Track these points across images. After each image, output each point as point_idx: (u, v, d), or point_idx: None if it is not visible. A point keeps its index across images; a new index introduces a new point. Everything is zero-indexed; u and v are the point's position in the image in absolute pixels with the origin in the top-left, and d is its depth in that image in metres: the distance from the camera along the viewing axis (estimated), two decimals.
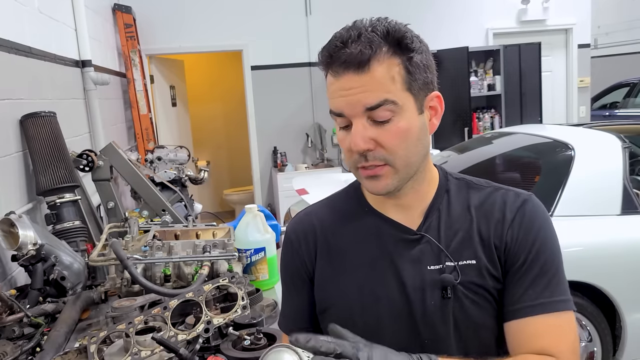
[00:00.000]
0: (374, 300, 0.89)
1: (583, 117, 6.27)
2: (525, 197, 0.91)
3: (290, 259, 0.99)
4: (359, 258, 0.91)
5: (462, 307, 0.86)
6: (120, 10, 4.35)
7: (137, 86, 4.35)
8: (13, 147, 1.87)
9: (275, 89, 5.58)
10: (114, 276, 1.54)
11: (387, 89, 0.80)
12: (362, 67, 0.80)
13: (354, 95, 0.81)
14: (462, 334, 0.87)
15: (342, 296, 0.91)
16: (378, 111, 0.81)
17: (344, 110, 0.82)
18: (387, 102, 0.80)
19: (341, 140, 0.86)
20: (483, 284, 0.86)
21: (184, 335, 1.11)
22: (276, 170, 5.48)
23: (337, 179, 3.72)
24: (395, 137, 0.82)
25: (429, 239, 0.88)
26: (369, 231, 0.92)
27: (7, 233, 1.55)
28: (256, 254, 1.67)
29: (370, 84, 0.80)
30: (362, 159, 0.83)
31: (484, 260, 0.87)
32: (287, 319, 1.03)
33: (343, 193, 1.02)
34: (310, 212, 1.01)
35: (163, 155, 2.85)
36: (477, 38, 5.85)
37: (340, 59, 0.81)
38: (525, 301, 0.85)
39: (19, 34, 2.05)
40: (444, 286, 0.85)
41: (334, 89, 0.83)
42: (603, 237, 2.41)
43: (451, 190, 0.93)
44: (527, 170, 2.94)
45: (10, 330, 1.31)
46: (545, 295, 0.85)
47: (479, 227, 0.88)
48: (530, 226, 0.88)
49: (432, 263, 0.87)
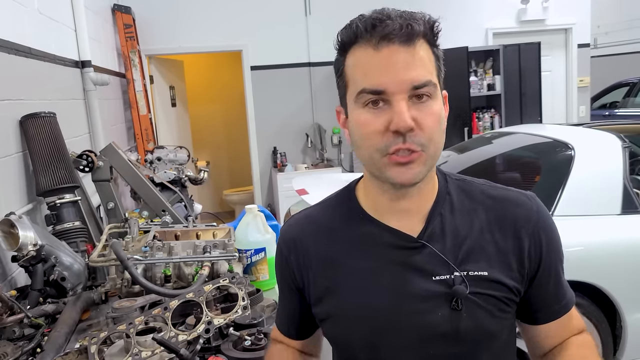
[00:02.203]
0: (372, 314, 0.84)
1: (583, 116, 6.27)
2: (534, 198, 0.89)
3: (280, 267, 0.97)
4: (355, 268, 0.86)
5: (474, 318, 0.81)
6: (119, 11, 4.35)
7: (137, 86, 4.35)
8: (13, 147, 1.87)
9: (275, 89, 5.58)
10: (114, 277, 1.54)
11: (429, 69, 0.78)
12: (410, 41, 0.75)
13: (401, 70, 0.75)
14: (474, 347, 0.83)
15: (339, 309, 0.87)
16: (422, 90, 0.76)
17: (388, 87, 0.75)
18: (431, 84, 0.77)
19: (368, 122, 0.77)
20: (495, 294, 0.83)
21: (185, 335, 1.11)
22: (276, 170, 5.48)
23: (337, 179, 3.72)
24: (433, 119, 0.77)
25: (431, 248, 0.83)
26: (364, 239, 0.87)
27: (7, 234, 1.55)
28: (256, 254, 1.67)
29: (417, 59, 0.76)
30: (399, 140, 0.76)
31: (497, 271, 0.83)
32: (280, 320, 1.04)
33: (336, 198, 0.95)
34: (300, 219, 0.96)
35: (163, 155, 2.85)
36: (476, 38, 5.85)
37: (386, 29, 0.74)
38: (562, 299, 0.90)
39: (19, 34, 2.05)
40: (453, 297, 0.81)
41: (374, 63, 0.76)
42: (603, 237, 2.41)
43: (452, 192, 0.88)
44: (527, 170, 2.94)
45: (10, 331, 1.31)
46: (568, 290, 0.92)
47: (492, 234, 0.84)
48: (546, 228, 0.87)
49: (437, 273, 0.82)
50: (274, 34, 5.48)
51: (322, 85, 5.59)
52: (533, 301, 0.89)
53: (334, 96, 0.88)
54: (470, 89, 5.37)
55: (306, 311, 0.95)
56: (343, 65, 0.82)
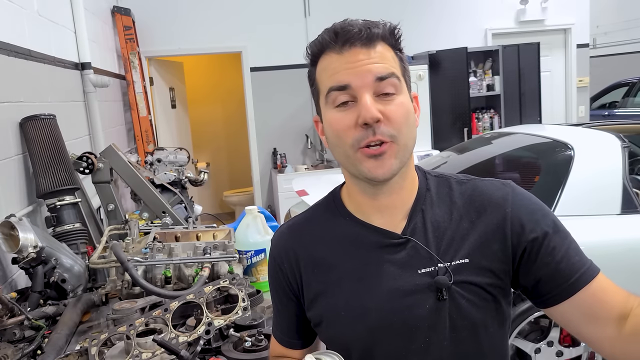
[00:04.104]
0: (362, 312, 0.86)
1: (582, 116, 6.28)
2: (510, 184, 0.90)
3: (274, 277, 0.97)
4: (344, 270, 0.88)
5: (458, 308, 0.83)
6: (119, 13, 4.36)
7: (137, 88, 4.35)
8: (13, 149, 1.87)
9: (275, 91, 5.58)
10: (115, 278, 1.55)
11: (392, 64, 0.83)
12: (370, 43, 0.82)
13: (364, 66, 0.81)
14: (459, 336, 0.84)
15: (331, 311, 0.89)
16: (385, 83, 0.81)
17: (352, 82, 0.81)
18: (394, 76, 0.82)
19: (339, 120, 0.83)
20: (478, 282, 0.84)
21: (185, 337, 1.11)
22: (276, 171, 5.48)
23: (336, 180, 3.68)
24: (400, 111, 0.82)
25: (415, 242, 0.85)
26: (351, 241, 0.89)
27: (7, 236, 1.55)
28: (256, 255, 1.67)
29: (378, 56, 0.82)
30: (369, 133, 0.80)
31: (478, 257, 0.84)
32: (277, 329, 1.02)
33: (323, 203, 0.99)
34: (292, 226, 0.98)
35: (163, 157, 2.85)
36: (475, 38, 5.86)
37: (348, 35, 0.81)
38: (580, 268, 0.82)
39: (19, 36, 2.05)
40: (438, 288, 0.83)
41: (339, 64, 0.82)
42: (603, 237, 2.41)
43: (432, 188, 0.91)
44: (526, 170, 2.94)
45: (11, 333, 1.31)
46: (583, 261, 0.84)
47: (470, 223, 0.86)
48: (529, 205, 0.87)
49: (422, 266, 0.84)
50: (274, 35, 5.49)
51: None
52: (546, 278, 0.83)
53: None
54: (469, 90, 5.38)
55: (306, 317, 0.96)
56: (314, 74, 0.88)
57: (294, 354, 1.01)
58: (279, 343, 1.02)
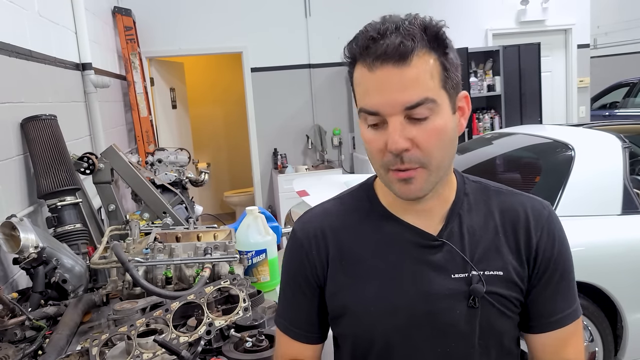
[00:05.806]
0: (392, 309, 0.85)
1: (583, 117, 6.27)
2: (548, 206, 0.91)
3: (299, 262, 0.92)
4: (376, 265, 0.87)
5: (488, 317, 0.84)
6: (120, 13, 4.36)
7: (138, 89, 4.35)
8: (14, 150, 1.88)
9: (275, 91, 5.58)
10: (116, 279, 1.55)
11: (426, 86, 0.76)
12: (403, 60, 0.75)
13: (393, 93, 0.76)
14: (486, 343, 0.85)
15: (358, 305, 0.87)
16: (417, 109, 0.76)
17: (380, 109, 0.77)
18: (427, 101, 0.76)
19: (370, 140, 0.80)
20: (508, 295, 0.85)
21: (186, 337, 1.11)
22: (276, 171, 5.48)
23: (337, 181, 3.72)
24: (433, 136, 0.78)
25: (451, 247, 0.85)
26: (386, 237, 0.88)
27: (8, 236, 1.55)
28: (257, 255, 1.67)
29: (410, 79, 0.75)
30: (397, 160, 0.78)
31: (511, 272, 0.85)
32: (291, 324, 0.96)
33: (353, 194, 0.96)
34: (320, 213, 0.95)
35: (163, 157, 2.85)
36: (476, 39, 5.86)
37: (379, 50, 0.75)
38: (558, 313, 0.88)
39: (20, 37, 2.05)
40: (471, 295, 0.83)
41: (370, 84, 0.78)
42: (604, 237, 2.41)
43: (470, 193, 0.90)
44: (527, 170, 2.94)
45: (12, 334, 1.31)
46: (571, 303, 0.89)
47: (506, 236, 0.87)
48: (555, 236, 0.88)
49: (457, 271, 0.84)
50: (274, 36, 5.49)
51: (322, 86, 5.60)
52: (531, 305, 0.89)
53: (334, 98, 0.90)
54: (470, 90, 5.37)
55: (325, 309, 0.93)
56: (352, 78, 0.84)
57: (307, 352, 0.96)
58: (294, 339, 0.95)
